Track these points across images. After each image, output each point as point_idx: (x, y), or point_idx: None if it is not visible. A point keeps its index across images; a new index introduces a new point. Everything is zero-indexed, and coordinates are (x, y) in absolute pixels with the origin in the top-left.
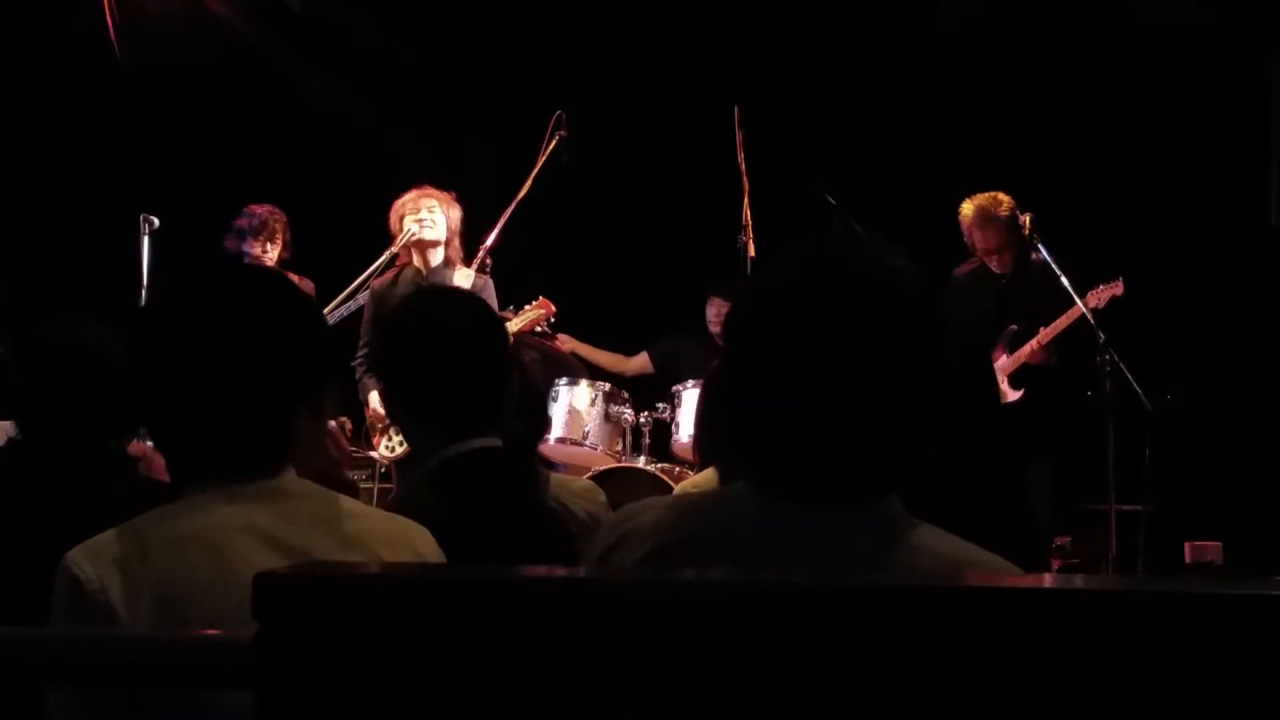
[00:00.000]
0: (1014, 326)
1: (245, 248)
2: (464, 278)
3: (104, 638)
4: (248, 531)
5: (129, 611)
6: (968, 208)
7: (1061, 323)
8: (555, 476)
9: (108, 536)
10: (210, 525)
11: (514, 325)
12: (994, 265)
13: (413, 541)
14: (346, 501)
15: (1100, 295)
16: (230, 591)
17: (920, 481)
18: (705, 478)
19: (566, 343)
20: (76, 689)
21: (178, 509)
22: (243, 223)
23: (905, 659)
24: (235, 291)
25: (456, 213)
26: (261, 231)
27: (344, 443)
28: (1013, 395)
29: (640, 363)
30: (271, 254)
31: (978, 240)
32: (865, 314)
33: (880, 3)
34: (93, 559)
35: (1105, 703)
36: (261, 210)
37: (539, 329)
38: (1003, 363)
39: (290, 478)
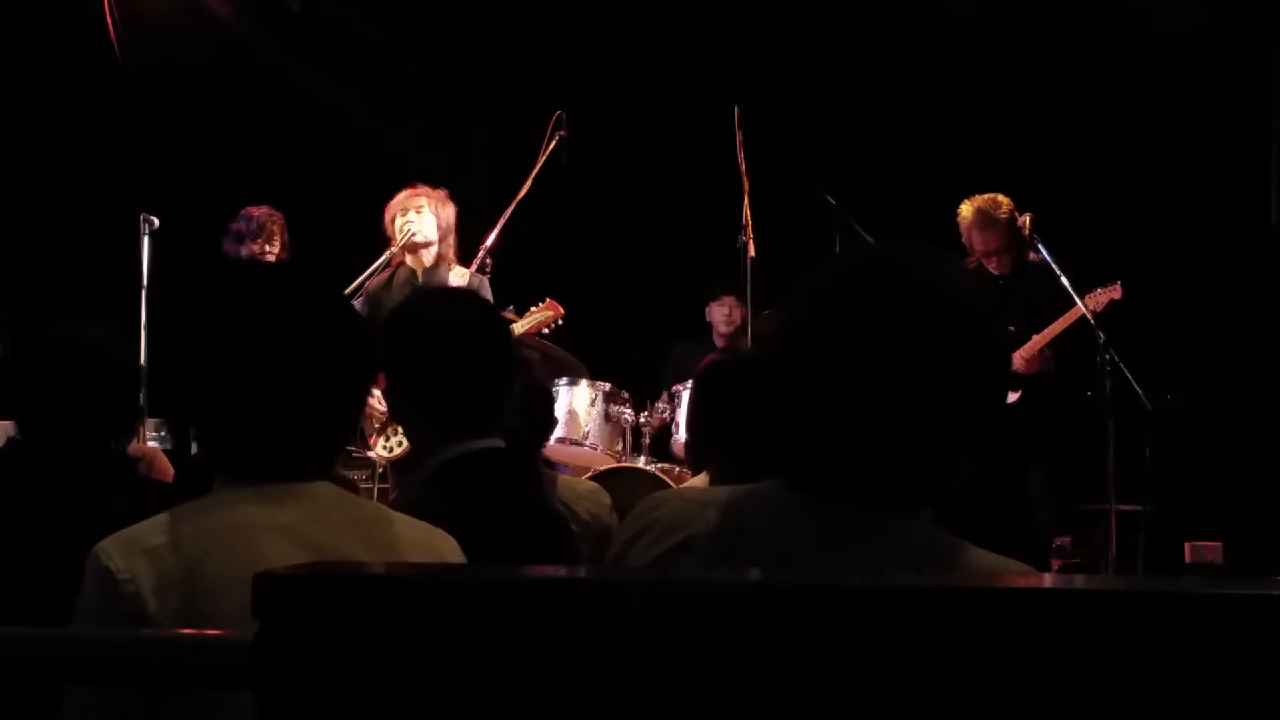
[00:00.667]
0: (1011, 328)
1: (243, 251)
2: (459, 277)
3: (104, 637)
4: (279, 530)
5: (159, 603)
6: (967, 209)
7: (1059, 325)
8: (561, 478)
9: (139, 529)
10: (243, 522)
11: (520, 327)
12: (992, 267)
13: (440, 550)
14: (377, 507)
15: (1098, 298)
16: None
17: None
18: (705, 478)
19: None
20: (89, 688)
21: (209, 504)
22: (239, 225)
23: (906, 659)
24: (297, 290)
25: (449, 210)
26: (260, 234)
27: None
28: (1011, 396)
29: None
30: (270, 256)
31: (976, 242)
32: (911, 320)
33: (880, 2)
34: (124, 550)
35: (1105, 703)
36: (258, 212)
37: (545, 331)
38: None
39: (323, 483)
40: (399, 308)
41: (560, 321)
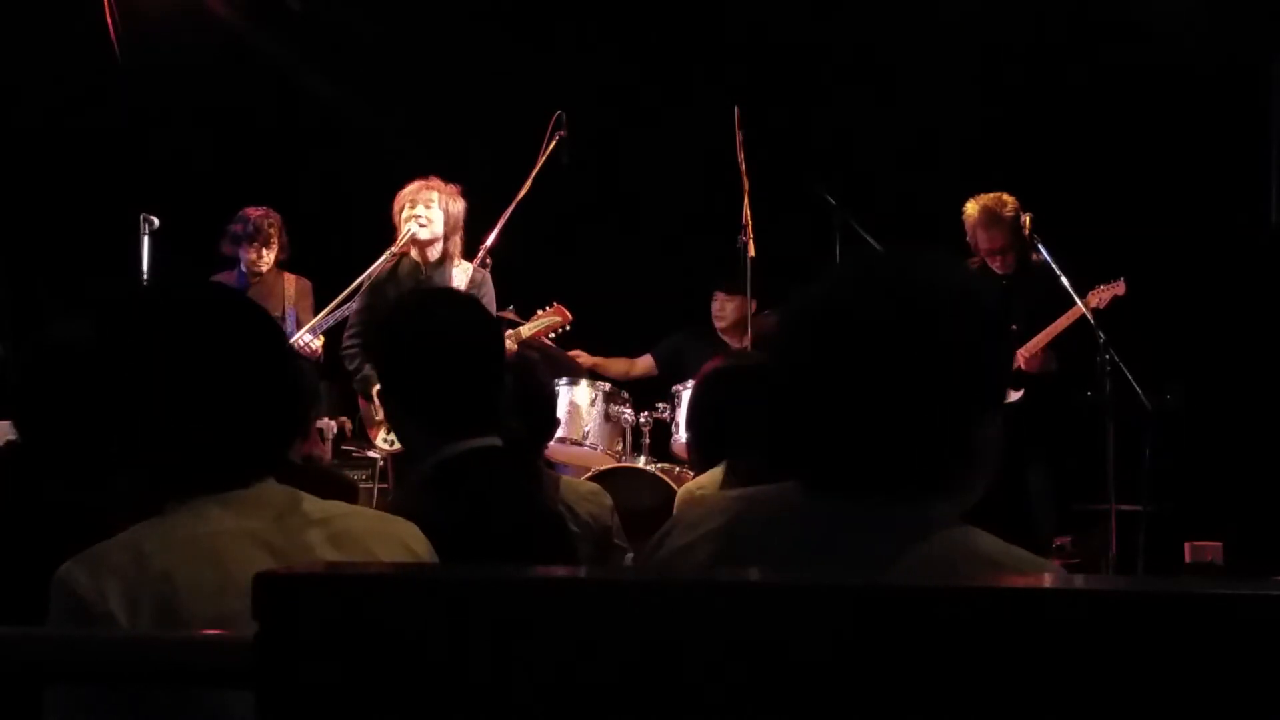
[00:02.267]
0: (1013, 327)
1: (241, 253)
2: (462, 272)
3: (104, 638)
4: (243, 536)
5: (130, 620)
6: (972, 208)
7: (1061, 323)
8: (564, 479)
9: (100, 549)
10: (205, 531)
11: (528, 330)
12: (996, 266)
13: (403, 537)
14: (330, 503)
15: (1102, 295)
16: (230, 596)
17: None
18: (710, 478)
19: (580, 356)
20: (76, 689)
21: (167, 518)
22: (236, 228)
23: (906, 659)
24: (197, 306)
25: (458, 206)
26: (256, 237)
27: (319, 443)
28: (1013, 395)
29: (645, 365)
30: (268, 258)
31: (981, 240)
32: (895, 318)
33: (881, 3)
34: (90, 572)
35: (1106, 703)
36: (255, 214)
37: (552, 335)
38: None
39: (271, 484)
40: (389, 311)
41: (568, 327)
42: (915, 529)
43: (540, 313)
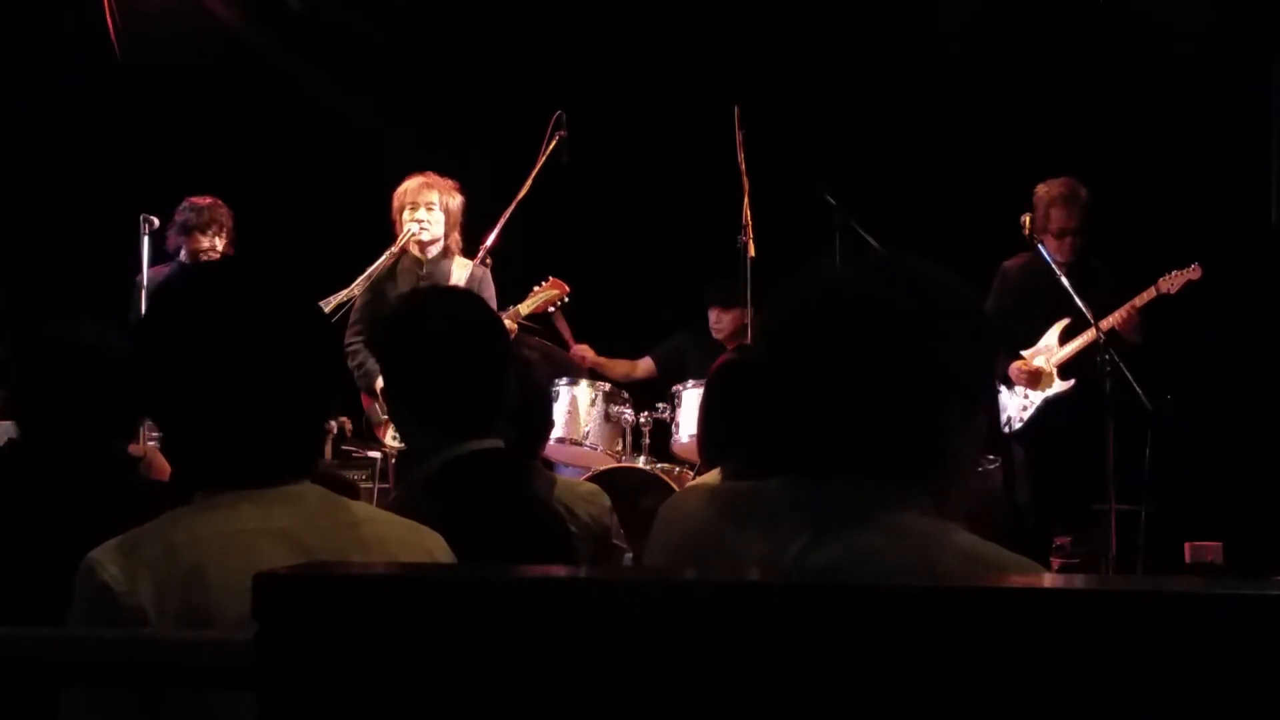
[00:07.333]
0: (1067, 320)
1: (189, 243)
2: (462, 268)
3: (105, 637)
4: (272, 534)
5: (158, 614)
6: (1046, 187)
7: (1143, 298)
8: (560, 480)
9: (131, 538)
10: (236, 527)
11: (525, 307)
12: (1061, 252)
13: (429, 548)
14: (363, 507)
15: (1174, 280)
16: None
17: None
18: (713, 477)
19: (583, 350)
20: (86, 688)
21: (199, 511)
22: (185, 218)
23: (904, 658)
24: (258, 294)
25: (457, 202)
26: (209, 226)
27: None
28: (1062, 385)
29: (646, 367)
30: (216, 249)
31: (1055, 219)
32: (871, 312)
33: (881, 3)
34: (120, 561)
35: (1106, 703)
36: (204, 203)
37: (551, 309)
38: (1058, 354)
39: (307, 484)
40: (393, 310)
41: (566, 299)
42: (881, 503)
43: (536, 288)
